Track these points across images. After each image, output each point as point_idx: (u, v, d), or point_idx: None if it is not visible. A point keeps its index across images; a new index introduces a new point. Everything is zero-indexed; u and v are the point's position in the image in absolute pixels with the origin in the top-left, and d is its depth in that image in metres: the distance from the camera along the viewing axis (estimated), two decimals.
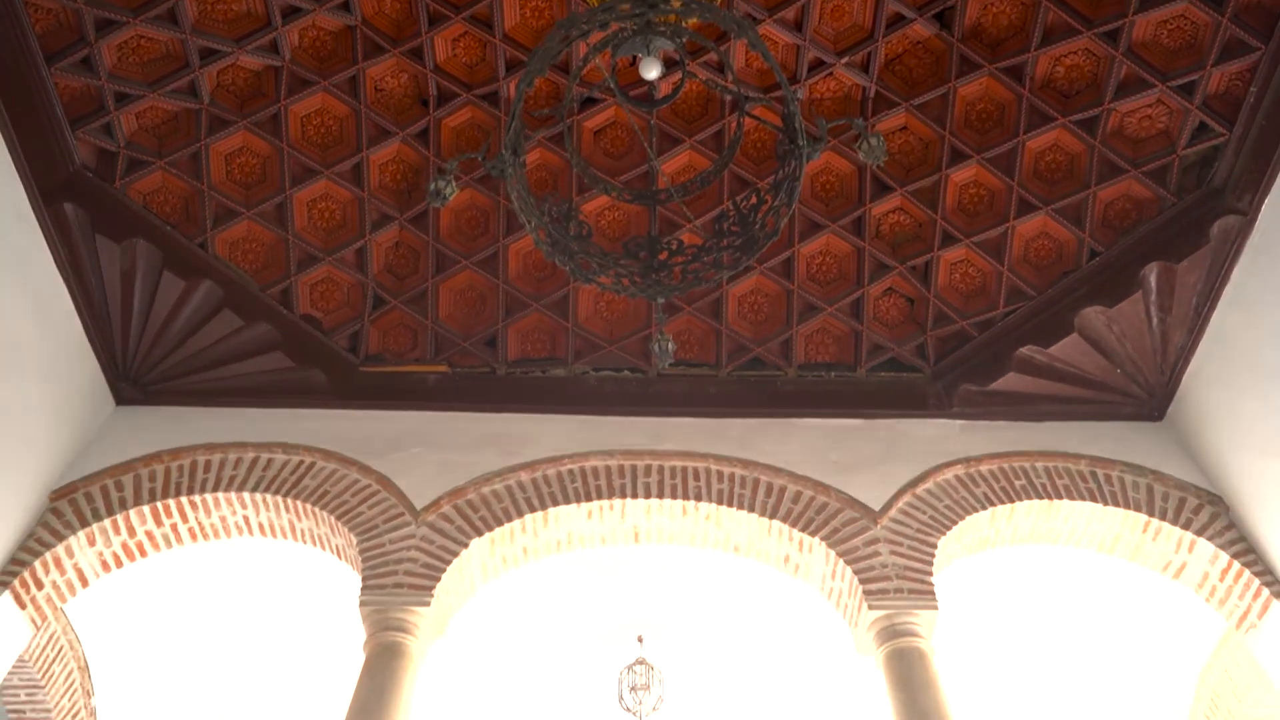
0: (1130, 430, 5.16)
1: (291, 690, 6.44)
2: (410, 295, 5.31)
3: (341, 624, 5.76)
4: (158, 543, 4.78)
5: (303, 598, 5.72)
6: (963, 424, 5.19)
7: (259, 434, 4.99)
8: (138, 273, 4.91)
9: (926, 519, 4.70)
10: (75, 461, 4.85)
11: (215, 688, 6.51)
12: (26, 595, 4.42)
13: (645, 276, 3.32)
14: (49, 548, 4.48)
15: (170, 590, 5.75)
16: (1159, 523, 4.69)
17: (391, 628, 4.13)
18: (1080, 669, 6.38)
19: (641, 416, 5.21)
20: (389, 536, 4.55)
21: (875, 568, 4.45)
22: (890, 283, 5.32)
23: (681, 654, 6.13)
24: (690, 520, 4.81)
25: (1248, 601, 4.51)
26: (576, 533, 4.81)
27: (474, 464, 4.89)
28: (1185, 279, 4.81)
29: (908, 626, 4.19)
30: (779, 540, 4.72)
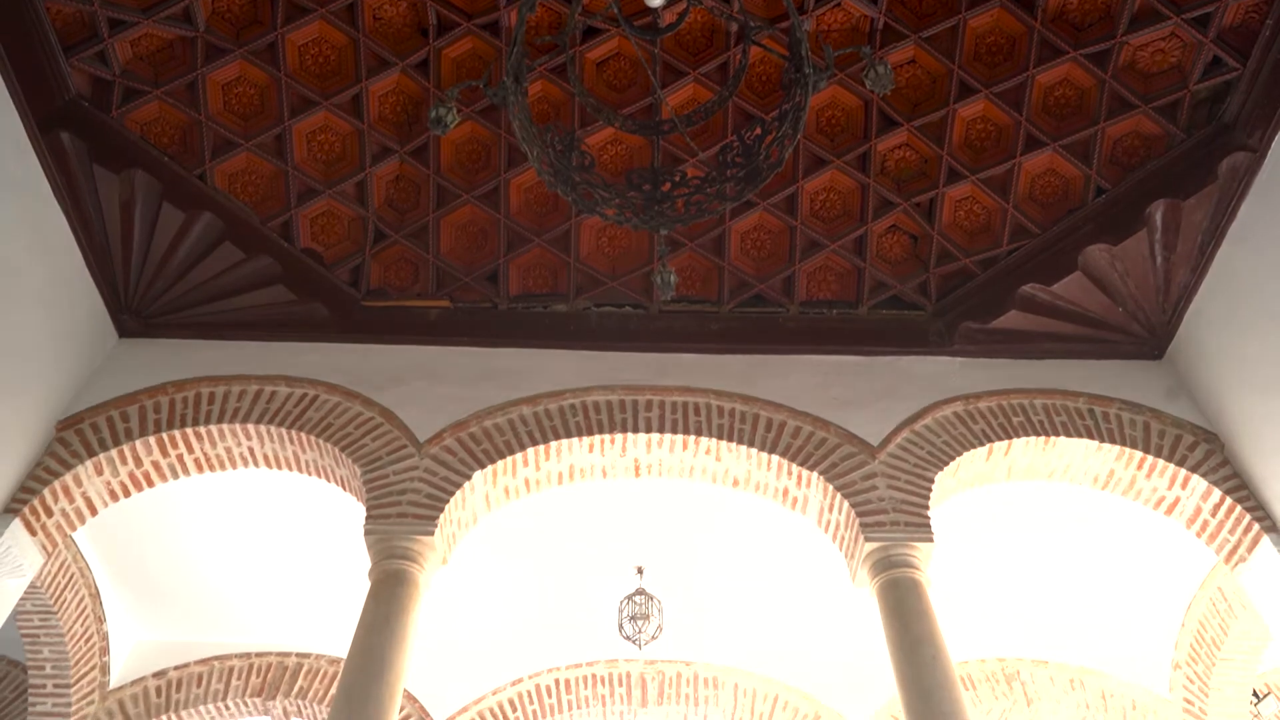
0: (1130, 368, 5.19)
1: (298, 616, 6.61)
2: (411, 229, 5.29)
3: (348, 552, 5.88)
4: (164, 473, 4.84)
5: (309, 526, 5.82)
6: (963, 361, 5.22)
7: (262, 367, 5.02)
8: (137, 204, 4.88)
9: (924, 454, 4.75)
10: (80, 393, 4.89)
11: (223, 615, 6.68)
12: (37, 522, 4.49)
13: (648, 208, 3.30)
14: (57, 476, 4.54)
15: (177, 519, 5.87)
16: (1154, 459, 4.75)
17: (396, 556, 4.21)
18: (1071, 601, 6.53)
19: (643, 352, 5.23)
20: (392, 468, 4.61)
21: (872, 501, 4.51)
22: (894, 220, 5.29)
23: (680, 584, 6.27)
24: (690, 454, 4.86)
25: (1238, 536, 4.58)
26: (578, 465, 4.86)
27: (476, 397, 4.93)
28: (1191, 217, 4.78)
29: (903, 558, 4.27)
30: (778, 474, 4.78)
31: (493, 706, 6.61)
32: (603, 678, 6.78)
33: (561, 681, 6.74)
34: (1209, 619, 6.27)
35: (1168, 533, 5.85)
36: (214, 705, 6.62)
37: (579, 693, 6.70)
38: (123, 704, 6.55)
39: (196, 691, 6.64)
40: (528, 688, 6.69)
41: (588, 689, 6.72)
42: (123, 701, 6.56)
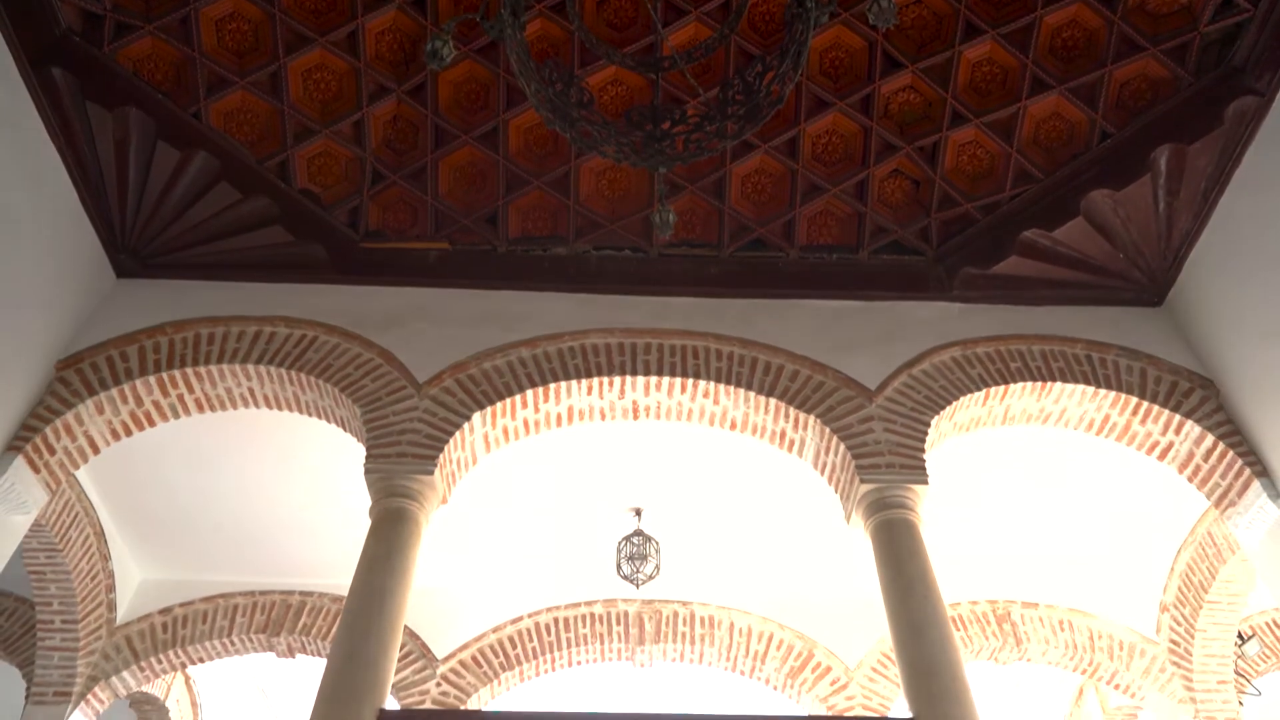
0: (1129, 315, 5.19)
1: (301, 555, 6.71)
2: (409, 171, 5.24)
3: (349, 492, 5.96)
4: (165, 412, 4.87)
5: (310, 466, 5.88)
6: (962, 307, 5.22)
7: (261, 308, 5.02)
8: (131, 142, 4.83)
9: (921, 398, 4.78)
10: (79, 333, 4.90)
11: (227, 554, 6.78)
12: (39, 460, 4.54)
13: (647, 146, 3.27)
14: (58, 415, 4.57)
15: (180, 459, 5.92)
16: (1150, 405, 4.78)
17: (396, 494, 4.26)
18: (1062, 544, 6.63)
19: (642, 295, 5.23)
20: (392, 409, 4.64)
21: (868, 444, 4.55)
22: (896, 164, 5.24)
23: (678, 526, 6.36)
24: (688, 397, 4.89)
25: (1229, 480, 4.64)
26: (577, 407, 4.89)
27: (475, 339, 4.94)
28: (1196, 162, 4.74)
29: (898, 499, 4.32)
30: (775, 417, 4.81)
31: (493, 644, 6.75)
32: (600, 617, 6.91)
33: (560, 620, 6.87)
34: (1197, 563, 6.37)
35: (1159, 479, 5.91)
36: (220, 641, 6.75)
37: (577, 631, 6.83)
38: (130, 640, 6.68)
39: (202, 628, 6.77)
40: (527, 626, 6.82)
41: (586, 628, 6.85)
42: (130, 638, 6.69)
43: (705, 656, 6.84)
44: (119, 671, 6.53)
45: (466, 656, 6.66)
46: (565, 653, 6.78)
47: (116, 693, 6.59)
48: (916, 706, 3.59)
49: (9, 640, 6.71)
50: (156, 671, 6.73)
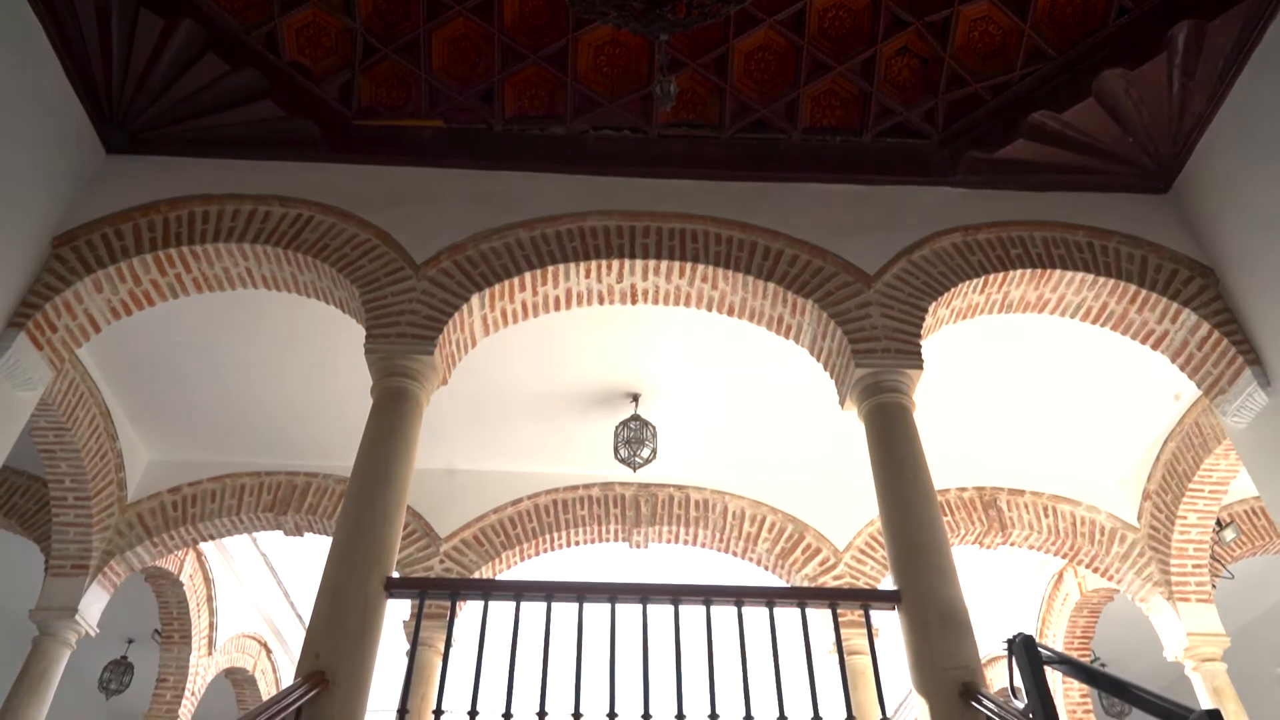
0: (1133, 202, 5.13)
1: (305, 438, 6.84)
2: (402, 43, 5.06)
3: (351, 374, 6.02)
4: (164, 291, 4.86)
5: (311, 348, 5.93)
6: (965, 192, 5.15)
7: (255, 186, 4.94)
8: (113, 9, 4.65)
9: (920, 284, 4.76)
10: (72, 210, 4.84)
11: (232, 436, 6.91)
12: (42, 338, 4.55)
13: (649, 11, 3.16)
14: (57, 292, 4.56)
15: (182, 341, 5.96)
16: (1148, 293, 4.77)
17: (396, 374, 4.29)
18: (1051, 433, 6.75)
19: (641, 177, 5.14)
20: (390, 290, 4.62)
21: (865, 329, 4.56)
22: (905, 40, 5.06)
23: (675, 411, 6.46)
24: (687, 281, 4.87)
25: (1221, 369, 4.68)
26: (575, 290, 4.88)
27: (472, 221, 4.89)
28: (1215, 40, 4.58)
29: (892, 383, 4.36)
30: (773, 302, 4.81)
31: (493, 524, 6.95)
32: (598, 499, 7.10)
33: (559, 502, 7.06)
34: (1182, 453, 6.51)
35: (1149, 369, 5.98)
36: (229, 519, 6.96)
37: (575, 513, 7.03)
38: (141, 517, 6.88)
39: (211, 506, 6.96)
40: (526, 507, 7.02)
41: (584, 509, 7.05)
42: (141, 515, 6.89)
43: (699, 538, 7.06)
44: (133, 547, 6.74)
45: (468, 535, 6.87)
46: (564, 533, 6.99)
47: (132, 566, 6.83)
48: (902, 580, 3.72)
49: (25, 516, 6.91)
50: (169, 547, 6.95)
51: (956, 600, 3.56)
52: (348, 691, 3.20)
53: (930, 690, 3.33)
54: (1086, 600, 7.94)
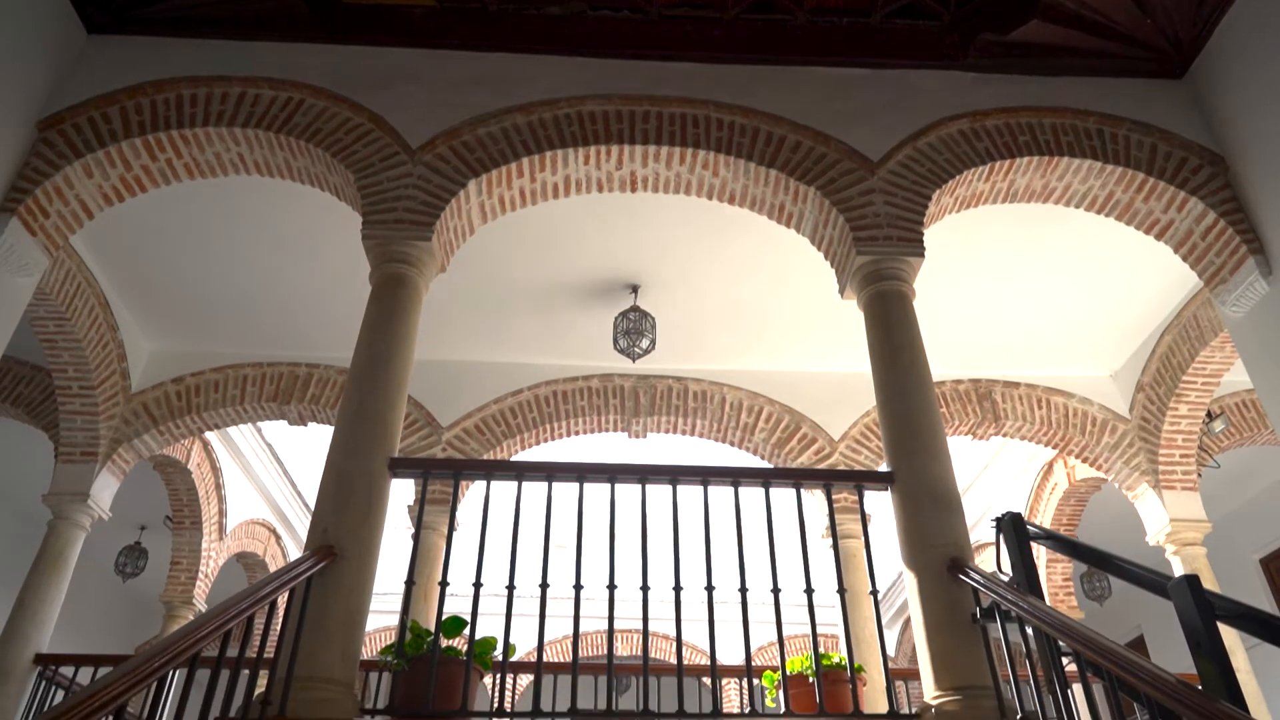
0: (1147, 87, 4.99)
1: (305, 329, 6.86)
2: None
3: (349, 265, 5.99)
4: (155, 177, 4.78)
5: (309, 238, 5.88)
6: (974, 76, 5.01)
7: (243, 68, 4.80)
8: None
9: (924, 171, 4.68)
10: (55, 91, 4.70)
11: (231, 327, 6.92)
12: (35, 223, 4.50)
13: None
14: (47, 177, 4.48)
15: (178, 231, 5.90)
16: (1155, 181, 4.70)
17: (394, 260, 4.26)
18: (1047, 326, 6.78)
19: (640, 60, 4.99)
20: (386, 175, 4.55)
21: (867, 217, 4.51)
22: None
23: (674, 301, 6.46)
24: (687, 168, 4.78)
25: (1224, 258, 4.66)
26: (573, 177, 4.80)
27: (468, 104, 4.77)
28: None
29: (892, 271, 4.34)
30: (775, 189, 4.74)
31: (494, 414, 7.05)
32: (597, 390, 7.18)
33: (559, 393, 7.15)
34: (1179, 345, 6.55)
35: (1149, 263, 5.96)
36: (232, 409, 7.05)
37: (575, 403, 7.12)
38: (146, 406, 6.97)
39: (214, 396, 7.04)
40: (527, 398, 7.10)
41: (583, 400, 7.14)
42: (146, 404, 6.97)
43: (697, 428, 7.17)
44: (140, 435, 6.85)
45: (470, 425, 6.98)
46: (564, 423, 7.10)
47: (139, 454, 6.96)
48: (895, 462, 3.79)
49: (31, 405, 6.99)
50: (175, 436, 7.07)
51: (948, 481, 3.65)
52: (355, 564, 3.31)
53: (919, 565, 3.44)
54: (1074, 489, 8.14)
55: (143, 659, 2.04)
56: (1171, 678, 2.13)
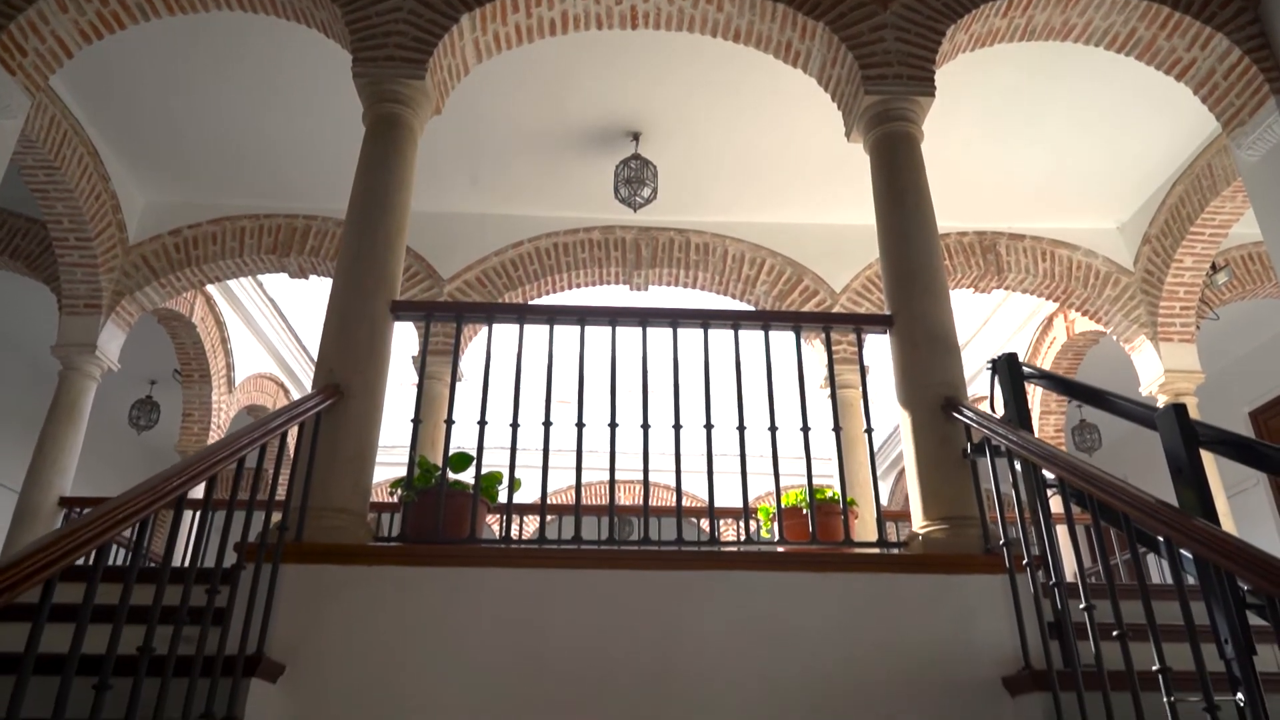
0: None
1: (301, 180, 6.74)
2: None
3: (344, 113, 5.83)
4: (133, 12, 4.56)
5: (301, 85, 5.69)
6: None
7: None
8: None
9: (939, 5, 4.46)
10: None
11: (225, 178, 6.80)
12: (13, 62, 4.34)
13: None
14: (20, 11, 4.28)
15: (165, 78, 5.70)
16: (1180, 15, 4.48)
17: (387, 99, 4.13)
18: (1056, 175, 6.65)
19: None
20: (375, 9, 4.34)
21: (877, 54, 4.34)
22: None
23: (675, 151, 6.31)
24: (690, 2, 4.55)
25: (1244, 99, 4.50)
26: (571, 13, 4.58)
27: None
28: None
29: (900, 111, 4.22)
30: (781, 25, 4.53)
31: (495, 266, 7.03)
32: (598, 243, 7.12)
33: (559, 245, 7.10)
34: (1189, 195, 6.44)
35: (1165, 111, 5.77)
36: (232, 261, 7.02)
37: (576, 255, 7.09)
38: (145, 259, 6.94)
39: (213, 248, 7.00)
40: (527, 250, 7.06)
41: (584, 252, 7.10)
42: (145, 256, 6.95)
43: (699, 280, 7.16)
44: (141, 288, 6.86)
45: (470, 277, 6.98)
46: (565, 275, 7.09)
47: (143, 306, 6.99)
48: (895, 305, 3.80)
49: (30, 258, 6.97)
50: (177, 288, 7.08)
51: (946, 322, 3.67)
52: (361, 402, 3.38)
53: (914, 404, 3.51)
54: (1073, 343, 8.21)
55: (161, 477, 2.11)
56: (1151, 498, 2.21)
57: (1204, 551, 1.97)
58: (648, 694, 2.82)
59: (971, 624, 2.97)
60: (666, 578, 3.02)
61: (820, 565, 3.08)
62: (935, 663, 2.90)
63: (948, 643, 2.94)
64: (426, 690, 2.79)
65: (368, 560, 3.01)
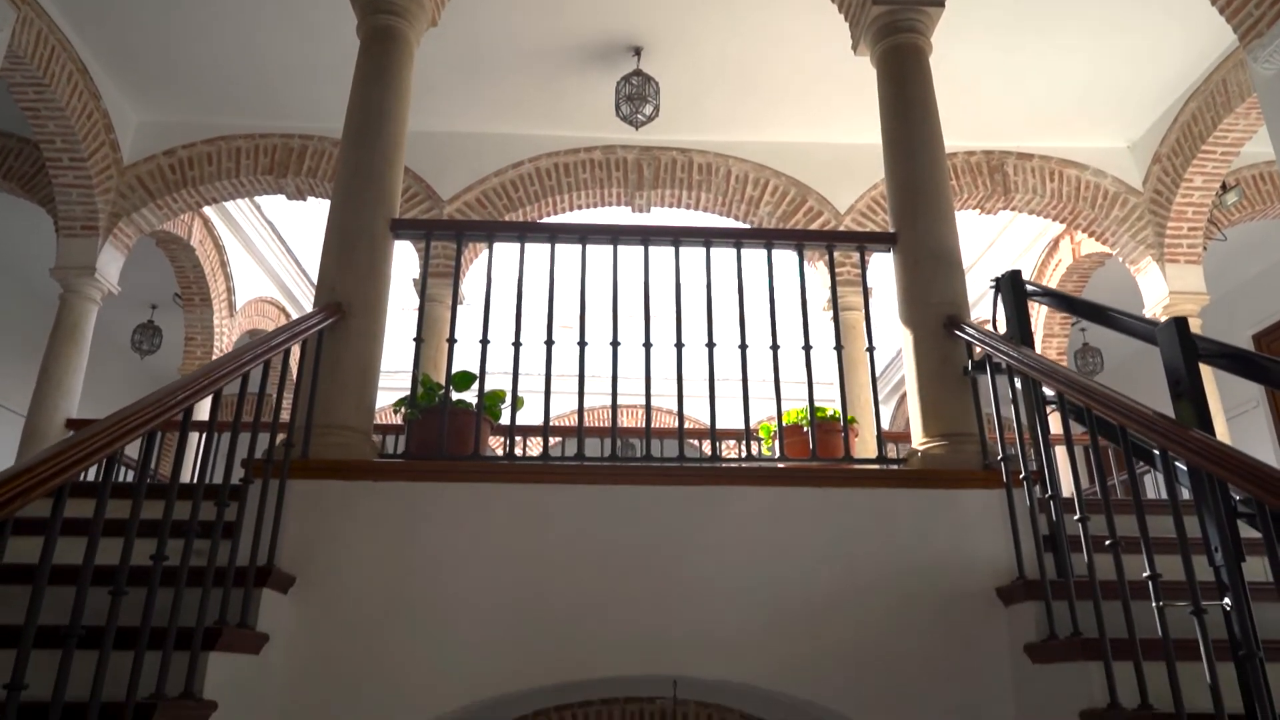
0: None
1: (295, 99, 6.61)
2: None
3: (336, 29, 5.68)
4: None
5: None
6: None
7: None
8: None
9: None
10: None
11: (217, 96, 6.66)
12: None
13: None
14: None
15: None
16: None
17: (382, 10, 4.00)
18: (1067, 92, 6.50)
19: None
20: None
21: None
22: None
23: (678, 68, 6.16)
24: None
25: (1263, 9, 4.35)
26: None
27: None
28: None
29: (909, 22, 4.09)
30: None
31: (495, 187, 6.94)
32: (599, 163, 7.02)
33: (560, 165, 7.00)
34: (1202, 113, 6.31)
35: (1178, 26, 5.61)
36: (228, 182, 6.93)
37: (577, 175, 6.99)
38: (140, 180, 6.85)
39: (209, 169, 6.91)
40: (527, 170, 6.96)
41: (585, 173, 7.00)
42: (140, 177, 6.86)
43: (702, 201, 7.08)
44: (138, 209, 6.79)
45: (470, 198, 6.90)
46: (566, 196, 7.00)
47: (140, 229, 6.93)
48: (900, 222, 3.76)
49: (24, 179, 6.88)
50: (174, 210, 7.01)
51: (950, 240, 3.64)
52: (363, 320, 3.38)
53: (917, 322, 3.51)
54: (1078, 265, 8.16)
55: (167, 390, 2.13)
56: (1148, 409, 2.23)
57: (1198, 460, 1.99)
58: (651, 605, 2.89)
59: (968, 537, 3.03)
60: (669, 493, 3.07)
61: (820, 480, 3.12)
62: (931, 574, 2.96)
63: (944, 555, 3.00)
64: (434, 599, 2.87)
65: (374, 476, 3.05)
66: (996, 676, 2.83)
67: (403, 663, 2.79)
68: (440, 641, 2.82)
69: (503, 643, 2.83)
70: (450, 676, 2.79)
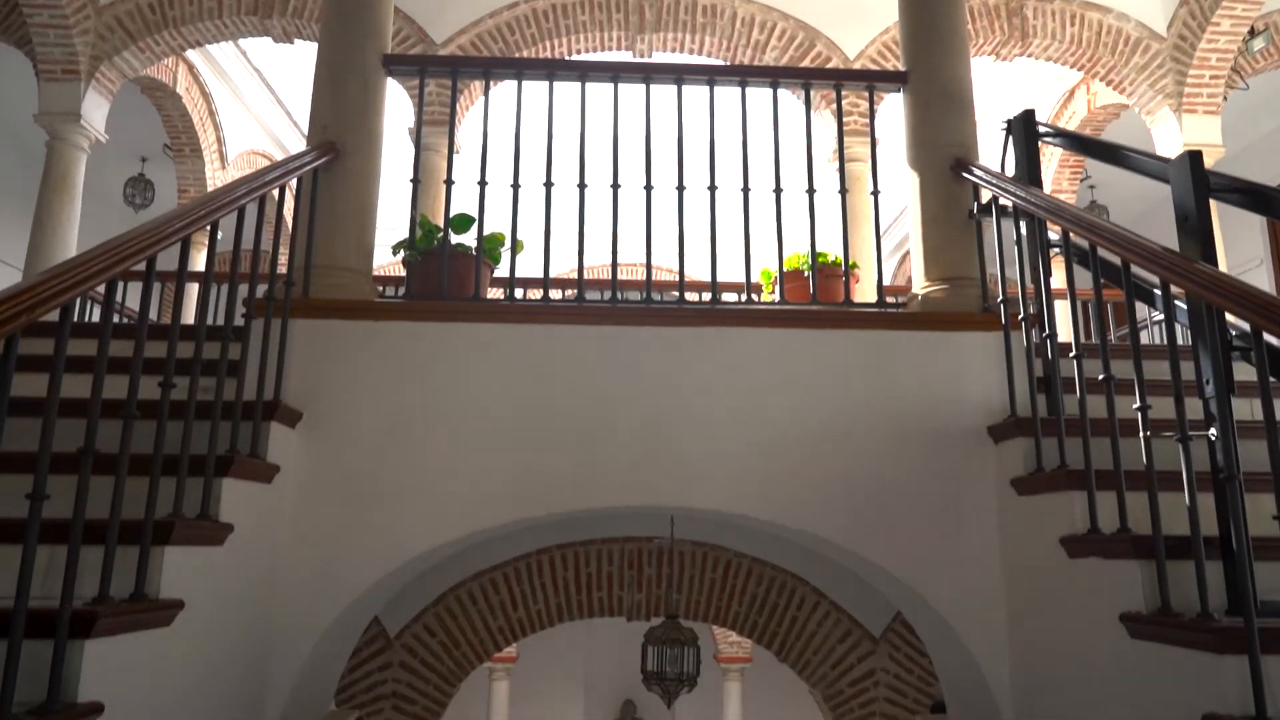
0: None
1: None
2: None
3: None
4: None
5: None
6: None
7: None
8: None
9: None
10: None
11: None
12: None
13: None
14: None
15: None
16: None
17: None
18: None
19: None
20: None
21: None
22: None
23: None
24: None
25: None
26: None
27: None
28: None
29: None
30: None
31: (490, 30, 6.65)
32: (600, 4, 6.69)
33: (559, 7, 6.67)
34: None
35: None
36: (211, 23, 6.64)
37: (576, 18, 6.68)
38: (120, 20, 6.56)
39: (190, 8, 6.59)
40: (524, 12, 6.65)
41: (584, 14, 6.68)
42: (119, 18, 6.56)
43: (705, 46, 6.80)
44: (119, 52, 6.53)
45: (465, 41, 6.62)
46: (564, 40, 6.72)
47: (123, 73, 6.69)
48: (911, 60, 3.61)
49: None
50: (156, 54, 6.74)
51: (963, 79, 3.50)
52: (358, 160, 3.30)
53: (924, 165, 3.43)
54: (1092, 117, 7.91)
55: (164, 219, 2.10)
56: (1156, 245, 2.21)
57: (1196, 289, 1.98)
58: (650, 436, 2.97)
59: (963, 378, 3.07)
60: (669, 333, 3.09)
61: (819, 322, 3.14)
62: (925, 413, 3.02)
63: (939, 395, 3.05)
64: (437, 435, 2.94)
65: (375, 315, 3.07)
66: (983, 509, 2.94)
67: (409, 493, 2.89)
68: (444, 473, 2.91)
69: (504, 475, 2.92)
70: (454, 506, 2.90)
